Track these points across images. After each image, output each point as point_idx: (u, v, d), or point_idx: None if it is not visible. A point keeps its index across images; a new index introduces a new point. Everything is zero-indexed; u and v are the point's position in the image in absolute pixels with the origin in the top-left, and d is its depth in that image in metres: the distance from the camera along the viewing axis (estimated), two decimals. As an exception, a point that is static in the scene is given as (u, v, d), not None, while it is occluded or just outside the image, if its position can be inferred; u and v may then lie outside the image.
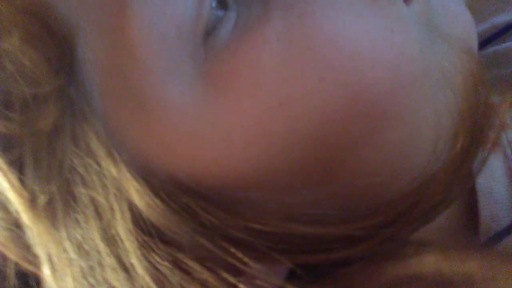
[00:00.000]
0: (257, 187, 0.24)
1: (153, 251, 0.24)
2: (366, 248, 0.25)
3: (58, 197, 0.24)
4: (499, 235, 0.28)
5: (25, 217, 0.24)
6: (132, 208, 0.23)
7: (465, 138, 0.25)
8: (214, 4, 0.23)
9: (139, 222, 0.24)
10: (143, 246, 0.23)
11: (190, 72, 0.23)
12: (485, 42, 0.37)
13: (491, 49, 0.37)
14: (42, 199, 0.23)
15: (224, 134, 0.23)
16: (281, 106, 0.23)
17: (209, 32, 0.23)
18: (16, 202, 0.24)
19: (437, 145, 0.26)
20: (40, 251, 0.24)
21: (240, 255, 0.24)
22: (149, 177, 0.24)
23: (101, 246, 0.24)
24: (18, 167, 0.24)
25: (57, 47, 0.23)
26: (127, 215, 0.23)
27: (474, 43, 0.28)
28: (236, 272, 0.24)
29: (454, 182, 0.26)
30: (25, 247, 0.25)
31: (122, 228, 0.23)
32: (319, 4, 0.23)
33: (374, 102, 0.24)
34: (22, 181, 0.24)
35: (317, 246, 0.25)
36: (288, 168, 0.24)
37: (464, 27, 0.27)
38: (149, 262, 0.23)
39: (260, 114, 0.23)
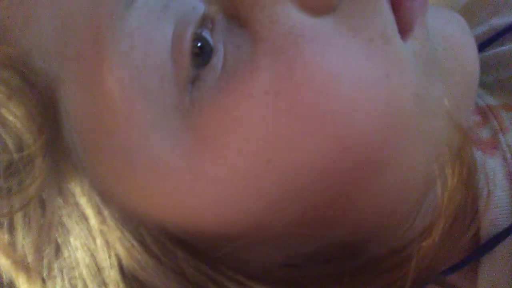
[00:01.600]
0: (246, 238, 0.24)
1: None
2: None
3: (49, 258, 0.23)
4: (497, 238, 0.28)
5: (18, 281, 0.23)
6: (120, 261, 0.23)
7: (446, 221, 0.25)
8: (199, 45, 0.22)
9: (128, 278, 0.23)
10: None
11: (175, 124, 0.22)
12: (483, 44, 0.37)
13: (490, 52, 0.37)
14: (33, 262, 0.23)
15: (211, 189, 0.23)
16: (269, 162, 0.22)
17: (194, 81, 0.22)
18: (8, 266, 0.23)
19: (429, 185, 0.25)
20: None
21: None
22: (137, 229, 0.23)
23: None
24: (8, 230, 0.23)
25: (39, 101, 0.22)
26: (116, 272, 0.23)
27: (476, 72, 0.26)
28: None
29: (437, 255, 0.25)
30: None
31: (112, 284, 0.23)
32: (310, 49, 0.22)
33: (366, 151, 0.23)
34: (12, 245, 0.23)
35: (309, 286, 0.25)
36: (278, 219, 0.24)
37: (466, 60, 0.26)
38: None
39: (247, 170, 0.22)
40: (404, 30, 0.24)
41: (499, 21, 0.37)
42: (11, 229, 0.23)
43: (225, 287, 0.24)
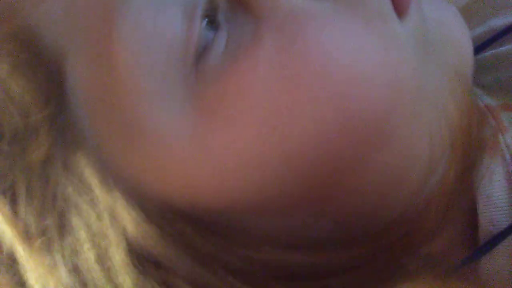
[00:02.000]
0: (252, 212, 0.24)
1: (150, 278, 0.23)
2: (364, 274, 0.25)
3: (53, 228, 0.23)
4: (497, 238, 0.28)
5: (20, 250, 0.23)
6: (127, 236, 0.23)
7: (457, 166, 0.25)
8: (205, 23, 0.23)
9: (135, 250, 0.23)
10: (140, 274, 0.23)
11: (182, 96, 0.23)
12: (483, 45, 0.37)
13: (489, 52, 0.37)
14: (36, 231, 0.23)
15: (216, 159, 0.23)
16: (273, 131, 0.23)
17: (200, 55, 0.23)
18: (10, 234, 0.23)
19: (432, 164, 0.26)
20: (36, 283, 0.24)
21: (236, 283, 0.23)
22: (143, 203, 0.23)
23: (98, 275, 0.23)
24: (11, 198, 0.23)
25: (46, 74, 0.23)
26: (123, 243, 0.23)
27: (470, 58, 0.27)
28: None
29: (449, 207, 0.26)
30: (21, 281, 0.24)
31: (118, 257, 0.23)
32: (311, 26, 0.23)
33: (368, 123, 0.23)
34: (15, 213, 0.23)
35: (314, 273, 0.25)
36: (282, 191, 0.24)
37: (459, 43, 0.27)
38: None
39: (252, 139, 0.23)
40: (400, 12, 0.25)
41: (498, 22, 0.37)
42: (14, 197, 0.23)
43: (244, 256, 0.24)
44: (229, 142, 0.23)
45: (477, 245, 0.29)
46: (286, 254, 0.24)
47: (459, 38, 0.27)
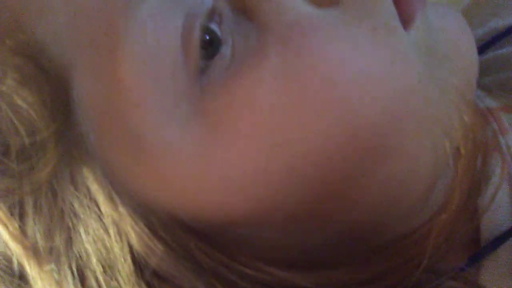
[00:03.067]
0: (255, 225, 0.24)
1: None
2: None
3: (60, 244, 0.23)
4: (499, 240, 0.28)
5: (28, 267, 0.23)
6: (133, 250, 0.23)
7: (462, 193, 0.25)
8: (207, 36, 0.23)
9: (141, 264, 0.23)
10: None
11: (186, 111, 0.23)
12: (483, 46, 0.37)
13: (490, 53, 0.37)
14: (44, 247, 0.23)
15: (221, 173, 0.23)
16: (278, 146, 0.23)
17: (204, 69, 0.23)
18: (18, 251, 0.23)
19: (437, 176, 0.25)
20: None
21: None
22: (149, 217, 0.24)
23: None
24: (18, 215, 0.23)
25: (52, 88, 0.23)
26: (128, 258, 0.23)
27: (475, 66, 0.27)
28: None
29: (453, 231, 0.25)
30: None
31: (124, 271, 0.23)
32: (316, 37, 0.23)
33: (373, 136, 0.23)
34: (23, 231, 0.23)
35: None
36: (286, 206, 0.24)
37: (464, 51, 0.27)
38: None
39: (257, 154, 0.23)
40: (405, 21, 0.24)
41: (499, 24, 0.38)
42: (22, 215, 0.23)
43: (241, 273, 0.24)
44: (234, 157, 0.23)
45: (479, 247, 0.28)
46: (287, 275, 0.24)
47: (464, 46, 0.27)
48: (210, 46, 0.23)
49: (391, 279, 0.25)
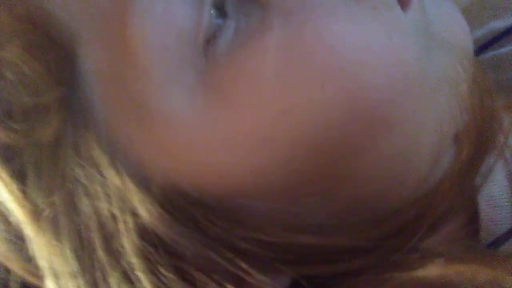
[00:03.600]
0: (260, 195, 0.24)
1: (158, 262, 0.23)
2: (371, 259, 0.25)
3: (61, 208, 0.24)
4: (500, 240, 0.28)
5: (28, 229, 0.24)
6: (136, 219, 0.23)
7: (470, 147, 0.26)
8: (213, 12, 0.23)
9: (143, 233, 0.23)
10: (148, 258, 0.23)
11: (191, 80, 0.23)
12: (482, 47, 0.37)
13: (489, 54, 0.37)
14: (44, 211, 0.23)
15: (225, 142, 0.23)
16: (282, 114, 0.23)
17: (209, 40, 0.23)
18: (18, 213, 0.24)
19: (440, 152, 0.26)
20: (43, 263, 0.24)
21: (244, 265, 0.23)
22: (152, 186, 0.24)
23: (105, 258, 0.24)
24: (20, 178, 0.23)
25: (58, 56, 0.23)
26: (131, 226, 0.23)
27: (470, 49, 0.28)
28: (240, 282, 0.24)
29: (459, 192, 0.26)
30: (28, 259, 0.25)
31: (126, 240, 0.23)
32: (319, 12, 0.23)
33: (374, 108, 0.24)
34: (24, 192, 0.23)
35: (321, 257, 0.25)
36: (291, 175, 0.24)
37: (459, 34, 0.28)
38: (154, 274, 0.23)
39: (261, 122, 0.23)
40: (403, 4, 0.25)
41: (497, 24, 0.38)
42: (23, 176, 0.23)
43: (250, 239, 0.24)
44: (238, 126, 0.23)
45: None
46: (294, 237, 0.24)
47: (459, 31, 0.28)
48: (216, 20, 0.23)
49: (394, 243, 0.25)
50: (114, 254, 0.24)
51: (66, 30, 0.23)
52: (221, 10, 0.23)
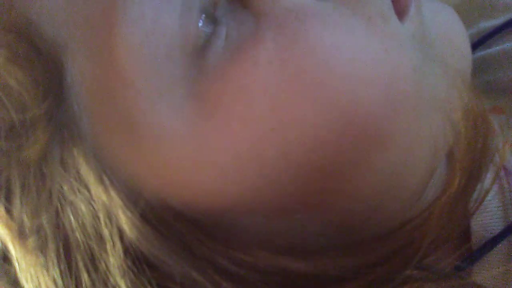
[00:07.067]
0: (249, 213, 0.24)
1: (144, 281, 0.23)
2: (360, 285, 0.24)
3: (47, 226, 0.23)
4: (490, 244, 0.28)
5: (13, 248, 0.23)
6: (123, 236, 0.23)
7: (462, 175, 0.25)
8: (203, 18, 0.23)
9: (130, 251, 0.23)
10: (134, 277, 0.23)
11: (181, 93, 0.23)
12: (472, 47, 0.37)
13: (478, 54, 0.37)
14: (30, 230, 0.23)
15: (214, 158, 0.23)
16: (272, 131, 0.22)
17: (200, 51, 0.23)
18: (3, 234, 0.23)
19: (433, 168, 0.25)
20: (28, 283, 0.24)
21: (229, 287, 0.23)
22: (140, 203, 0.23)
23: (92, 279, 0.23)
24: (6, 197, 0.23)
25: (45, 67, 0.22)
26: (118, 244, 0.23)
27: (468, 58, 0.27)
28: None
29: (450, 220, 0.25)
30: (14, 282, 0.24)
31: (113, 258, 0.23)
32: (312, 23, 0.23)
33: (368, 123, 0.23)
34: (9, 211, 0.23)
35: (308, 282, 0.24)
36: (280, 194, 0.23)
37: (458, 45, 0.27)
38: None
39: (251, 139, 0.23)
40: (400, 12, 0.25)
41: (486, 24, 0.37)
42: (9, 195, 0.23)
43: (235, 260, 0.24)
44: (227, 141, 0.23)
45: (471, 251, 0.28)
46: (280, 260, 0.24)
47: (458, 40, 0.27)
48: (206, 29, 0.23)
49: (382, 270, 0.25)
50: (101, 275, 0.23)
51: (53, 40, 0.22)
52: (212, 17, 0.23)
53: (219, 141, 0.23)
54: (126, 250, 0.23)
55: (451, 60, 0.26)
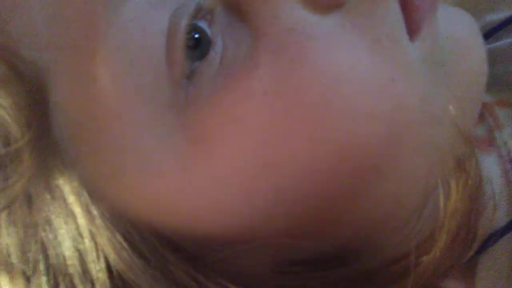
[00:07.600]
0: (236, 244, 0.23)
1: None
2: None
3: (35, 257, 0.22)
4: (495, 236, 0.28)
5: (1, 279, 0.22)
6: (110, 264, 0.23)
7: (448, 234, 0.24)
8: (196, 37, 0.22)
9: (117, 278, 0.23)
10: None
11: (169, 123, 0.22)
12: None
13: (485, 47, 0.37)
14: (18, 260, 0.22)
15: (203, 192, 0.22)
16: (265, 167, 0.22)
17: (190, 77, 0.22)
18: None
19: (429, 194, 0.25)
20: None
21: None
22: (127, 230, 0.23)
23: None
24: None
25: (27, 92, 0.21)
26: (104, 273, 0.22)
27: (483, 74, 0.26)
28: None
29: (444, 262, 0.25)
30: None
31: (99, 285, 0.22)
32: (312, 49, 0.21)
33: (367, 158, 0.22)
34: None
35: None
36: (271, 226, 0.23)
37: (474, 63, 0.25)
38: None
39: (242, 174, 0.22)
40: (412, 30, 0.23)
41: (493, 17, 0.37)
42: None
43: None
44: (217, 175, 0.22)
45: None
46: (272, 280, 0.24)
47: (473, 57, 0.25)
48: (198, 47, 0.22)
49: None
50: None
51: (35, 65, 0.21)
52: (204, 35, 0.22)
53: (208, 174, 0.22)
54: (114, 277, 0.23)
55: (463, 79, 0.25)
